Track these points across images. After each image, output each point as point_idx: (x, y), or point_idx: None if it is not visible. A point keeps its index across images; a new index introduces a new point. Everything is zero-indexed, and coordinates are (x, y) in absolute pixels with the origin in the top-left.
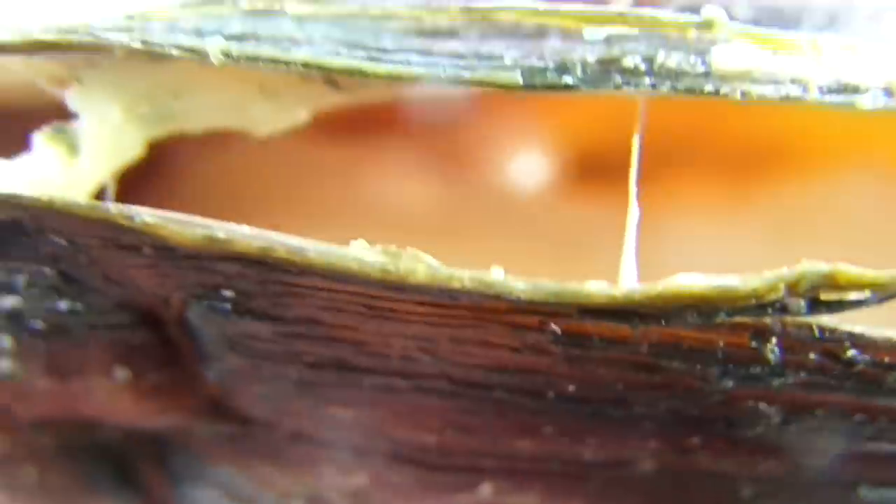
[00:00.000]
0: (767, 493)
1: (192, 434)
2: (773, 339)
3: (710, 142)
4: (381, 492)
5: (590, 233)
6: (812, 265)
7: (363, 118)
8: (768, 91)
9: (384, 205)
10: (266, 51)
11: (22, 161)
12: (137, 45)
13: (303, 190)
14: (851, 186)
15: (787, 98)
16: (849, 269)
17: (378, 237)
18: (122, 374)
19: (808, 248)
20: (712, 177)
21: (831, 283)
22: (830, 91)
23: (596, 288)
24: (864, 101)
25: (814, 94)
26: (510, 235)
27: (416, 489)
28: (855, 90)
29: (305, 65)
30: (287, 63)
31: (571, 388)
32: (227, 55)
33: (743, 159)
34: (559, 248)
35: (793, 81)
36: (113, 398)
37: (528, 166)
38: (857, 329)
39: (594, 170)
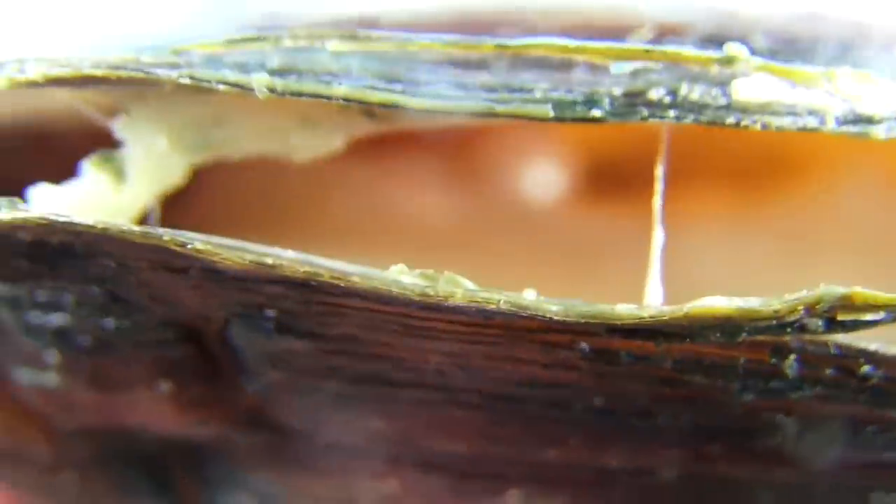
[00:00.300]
0: (784, 500)
1: (229, 443)
2: (792, 356)
3: (720, 154)
4: (411, 498)
5: (604, 241)
6: (830, 288)
7: (387, 136)
8: (787, 122)
9: (407, 218)
10: (308, 85)
11: (71, 186)
12: (186, 80)
13: (331, 205)
14: (854, 193)
15: (804, 129)
16: (865, 292)
17: (402, 249)
18: (164, 386)
19: (816, 255)
20: (723, 188)
21: (848, 304)
22: (846, 122)
23: (625, 309)
24: (879, 132)
25: (830, 125)
26: (527, 245)
27: (445, 496)
28: (869, 120)
29: (346, 98)
30: (329, 97)
31: (598, 401)
32: (271, 89)
33: (752, 170)
34: (574, 257)
35: (810, 112)
36: (155, 409)
37: (543, 179)
38: (872, 346)
39: (608, 181)
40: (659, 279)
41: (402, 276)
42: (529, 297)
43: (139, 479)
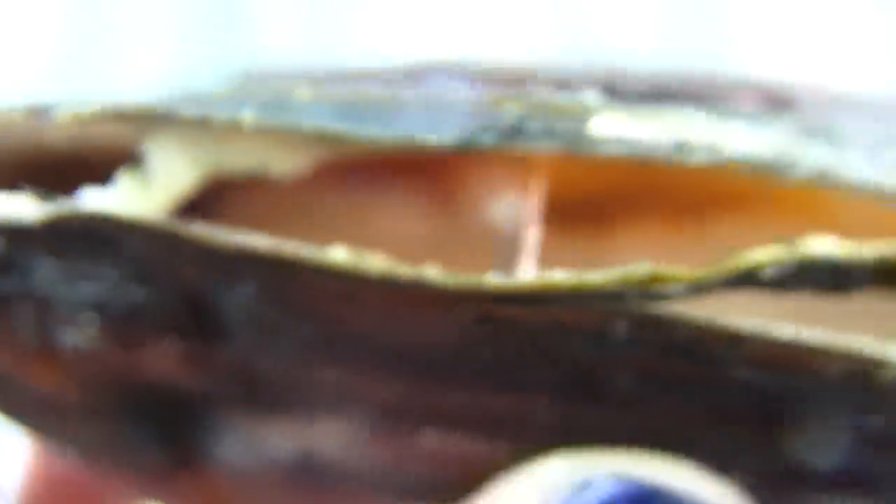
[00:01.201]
0: (632, 442)
1: (220, 395)
2: (619, 321)
3: (654, 194)
4: (362, 437)
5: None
6: (640, 265)
7: (366, 167)
8: (625, 150)
9: (385, 243)
10: (283, 120)
11: (109, 191)
12: (197, 118)
13: (313, 231)
14: (755, 227)
15: (641, 155)
16: (667, 268)
17: None
18: (172, 345)
19: None
20: (656, 220)
21: (655, 278)
22: (672, 151)
23: (495, 280)
24: (692, 159)
25: (662, 153)
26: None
27: (380, 434)
28: (688, 150)
29: (314, 130)
30: (300, 129)
31: (485, 357)
32: (254, 124)
33: (681, 207)
34: None
35: (644, 143)
36: (166, 365)
37: (511, 210)
38: (676, 311)
39: (576, 216)
40: (533, 262)
41: (339, 254)
42: (430, 272)
43: (152, 431)
